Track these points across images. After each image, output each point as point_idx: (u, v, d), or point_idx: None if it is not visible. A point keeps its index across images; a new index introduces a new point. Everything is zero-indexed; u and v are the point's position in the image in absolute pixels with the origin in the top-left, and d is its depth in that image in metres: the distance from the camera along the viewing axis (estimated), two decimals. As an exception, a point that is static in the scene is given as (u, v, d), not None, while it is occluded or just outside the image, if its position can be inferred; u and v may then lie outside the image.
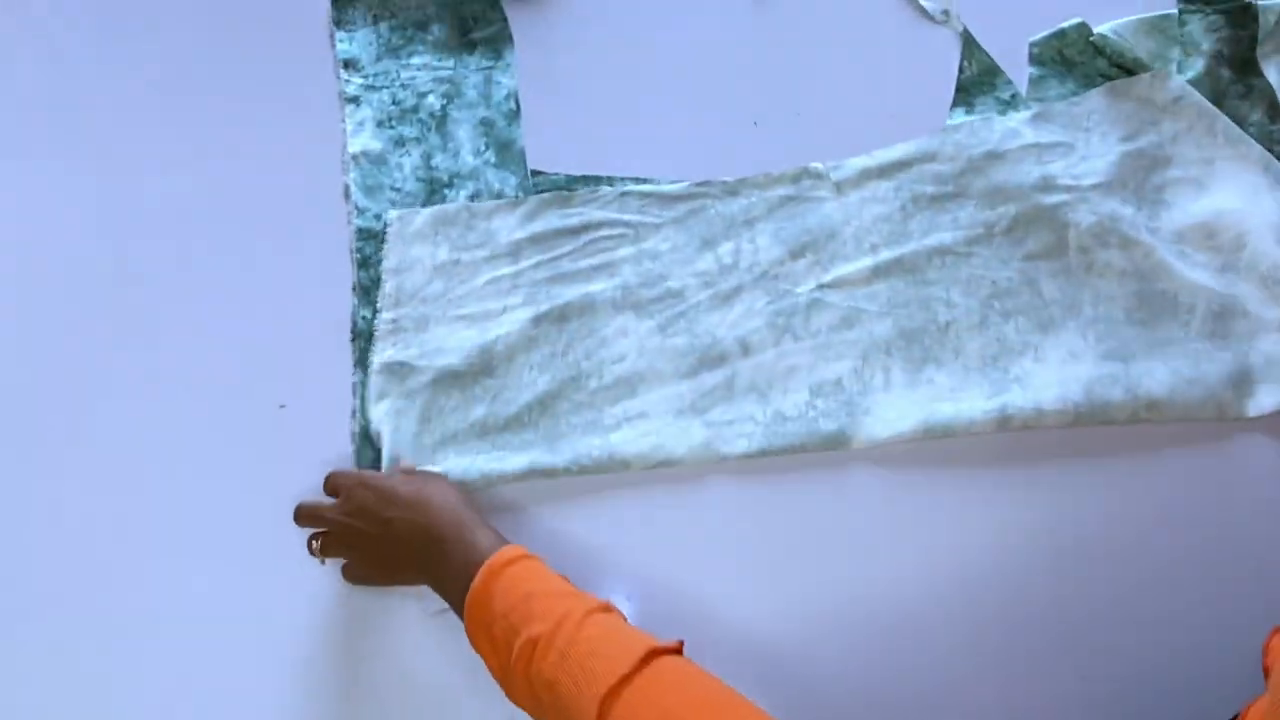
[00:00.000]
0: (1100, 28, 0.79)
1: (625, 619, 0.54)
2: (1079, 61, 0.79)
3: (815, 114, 0.78)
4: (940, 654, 0.63)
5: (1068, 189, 0.73)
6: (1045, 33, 0.80)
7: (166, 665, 0.63)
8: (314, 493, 0.66)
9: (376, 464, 0.66)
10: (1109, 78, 0.78)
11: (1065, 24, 0.80)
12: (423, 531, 0.59)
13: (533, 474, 0.65)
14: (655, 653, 0.49)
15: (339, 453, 0.68)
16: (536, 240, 0.73)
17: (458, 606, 0.56)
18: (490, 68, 0.79)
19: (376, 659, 0.63)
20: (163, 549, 0.66)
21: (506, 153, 0.76)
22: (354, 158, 0.76)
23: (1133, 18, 0.79)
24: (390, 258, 0.73)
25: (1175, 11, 0.79)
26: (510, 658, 0.51)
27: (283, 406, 0.69)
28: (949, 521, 0.66)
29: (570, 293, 0.71)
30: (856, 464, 0.67)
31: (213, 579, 0.65)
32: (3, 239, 0.74)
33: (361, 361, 0.70)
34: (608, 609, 0.53)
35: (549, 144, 0.77)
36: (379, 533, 0.60)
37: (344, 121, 0.77)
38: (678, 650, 0.51)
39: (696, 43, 0.81)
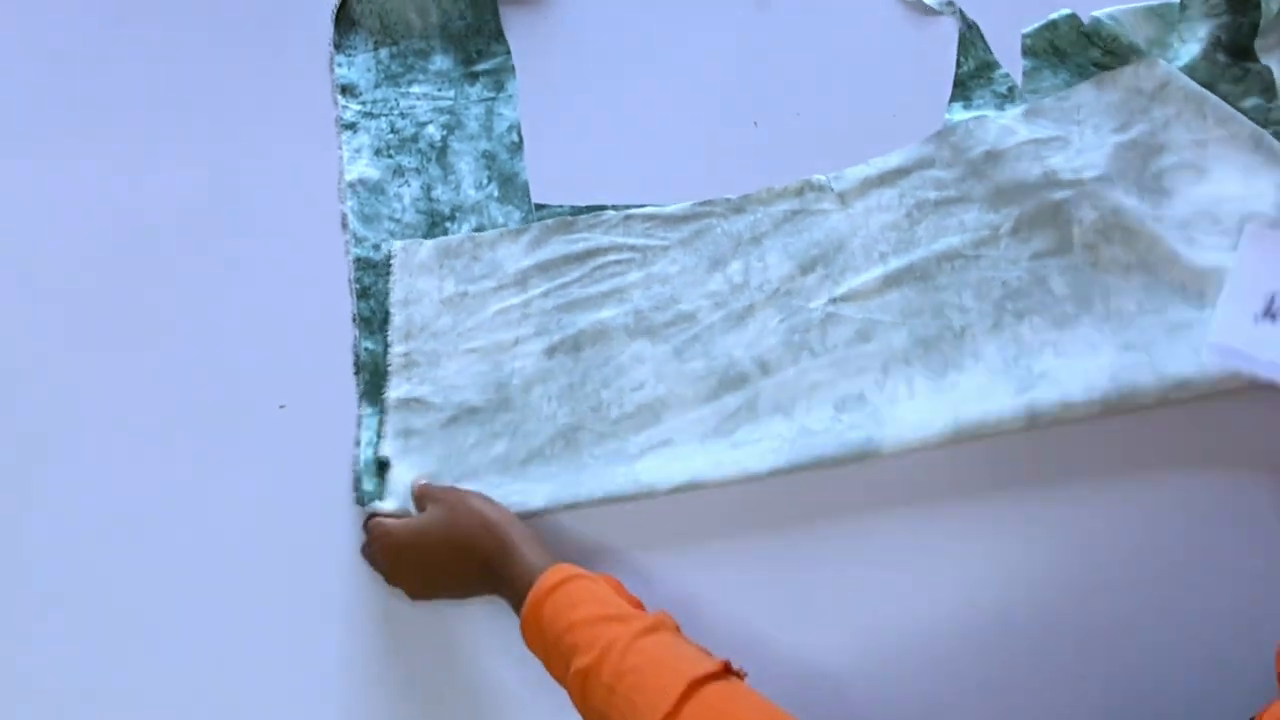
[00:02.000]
0: (1097, 12, 0.79)
1: (677, 632, 0.53)
2: (1071, 52, 0.79)
3: (815, 114, 0.78)
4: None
5: (1071, 184, 0.73)
6: (1036, 24, 0.80)
7: (164, 666, 0.62)
8: (311, 491, 0.66)
9: (374, 496, 0.65)
10: (1103, 66, 0.78)
11: (1055, 15, 0.80)
12: (467, 550, 0.59)
13: (556, 507, 0.65)
14: (697, 683, 0.48)
15: (339, 453, 0.67)
16: (543, 268, 0.72)
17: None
18: (492, 99, 0.78)
19: (377, 658, 0.63)
20: (162, 548, 0.65)
21: (510, 186, 0.75)
22: (351, 185, 0.74)
23: (1133, 5, 0.80)
24: (397, 290, 0.71)
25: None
26: (568, 689, 0.51)
27: (283, 407, 0.69)
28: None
29: (582, 320, 0.70)
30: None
31: (212, 579, 0.64)
32: (9, 242, 0.74)
33: (369, 395, 0.68)
34: (656, 627, 0.52)
35: (550, 149, 0.76)
36: (430, 557, 0.61)
37: (341, 148, 0.75)
38: (724, 673, 0.50)
39: (696, 43, 0.81)
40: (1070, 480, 0.67)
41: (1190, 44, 0.78)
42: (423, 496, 0.63)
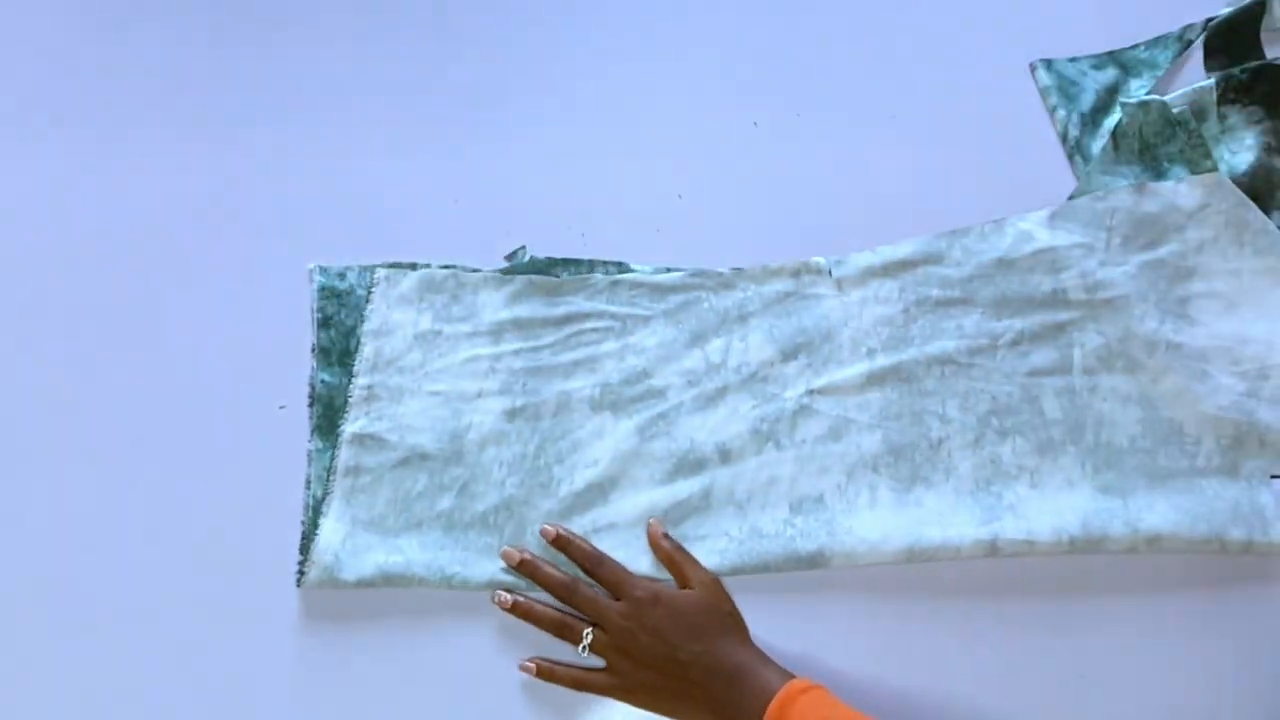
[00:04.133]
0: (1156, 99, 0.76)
1: None
2: (1154, 143, 0.75)
3: (814, 115, 0.78)
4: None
5: (1080, 304, 0.70)
6: (1133, 100, 0.76)
7: (163, 668, 0.62)
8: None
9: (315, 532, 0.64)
10: (1184, 160, 0.75)
11: (1150, 96, 0.77)
12: (714, 672, 0.58)
13: (495, 587, 0.63)
14: None
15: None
16: (519, 325, 0.70)
17: None
18: None
19: (375, 661, 0.62)
20: (163, 548, 0.65)
21: None
22: None
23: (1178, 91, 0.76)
24: (372, 319, 0.70)
25: (1214, 103, 0.76)
26: None
27: (283, 407, 0.68)
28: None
29: (547, 389, 0.68)
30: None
31: (212, 579, 0.64)
32: (8, 242, 0.75)
33: (321, 429, 0.67)
34: None
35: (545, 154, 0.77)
36: (669, 669, 0.59)
37: None
38: None
39: (696, 45, 0.81)
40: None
41: (1241, 154, 0.74)
42: (682, 561, 0.63)
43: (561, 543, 0.64)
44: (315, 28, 0.81)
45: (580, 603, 0.62)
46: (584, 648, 0.61)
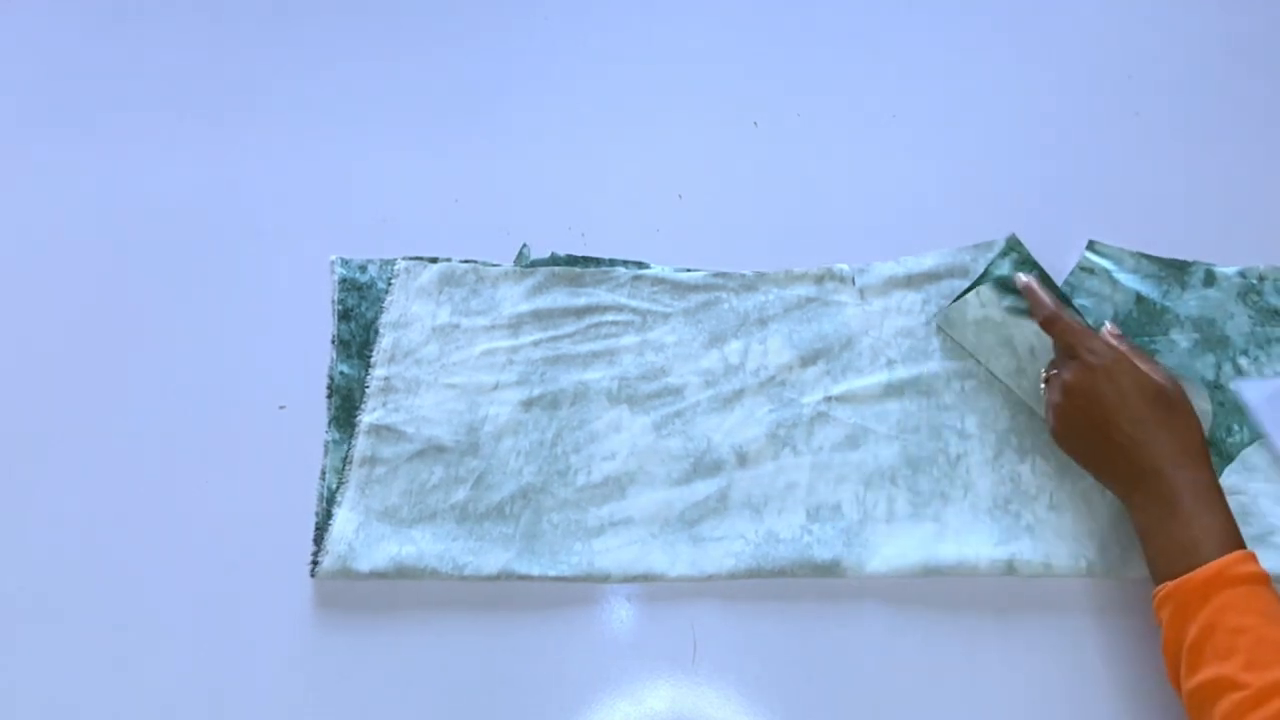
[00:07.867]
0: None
1: None
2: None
3: (815, 116, 0.79)
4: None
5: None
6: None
7: (178, 656, 0.61)
8: (311, 491, 0.65)
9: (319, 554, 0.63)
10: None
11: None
12: (1152, 470, 0.56)
13: (507, 577, 0.62)
14: None
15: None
16: (540, 316, 0.70)
17: (1157, 571, 0.55)
18: None
19: (377, 662, 0.61)
20: (163, 547, 0.64)
21: None
22: None
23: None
24: (391, 311, 0.70)
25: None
26: (1181, 669, 0.51)
27: (283, 407, 0.68)
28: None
29: (566, 378, 0.68)
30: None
31: (212, 579, 0.63)
32: (9, 242, 0.74)
33: (338, 420, 0.67)
34: None
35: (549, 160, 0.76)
36: (1110, 433, 0.58)
37: None
38: None
39: (696, 45, 0.82)
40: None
41: None
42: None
43: (1027, 290, 0.66)
44: (313, 28, 0.81)
45: (1059, 332, 0.63)
46: (1045, 375, 0.64)
